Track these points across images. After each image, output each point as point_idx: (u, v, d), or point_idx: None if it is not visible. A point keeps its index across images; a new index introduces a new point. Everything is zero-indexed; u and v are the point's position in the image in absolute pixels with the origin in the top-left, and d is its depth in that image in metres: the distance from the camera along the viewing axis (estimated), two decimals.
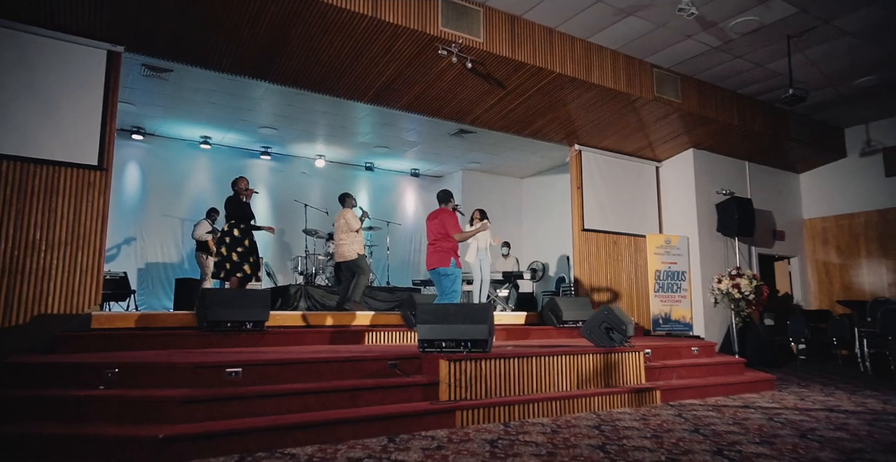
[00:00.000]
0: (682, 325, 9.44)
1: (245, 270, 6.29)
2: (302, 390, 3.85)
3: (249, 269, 6.31)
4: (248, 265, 6.31)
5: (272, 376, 3.98)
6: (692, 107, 8.65)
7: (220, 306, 5.27)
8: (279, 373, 4.02)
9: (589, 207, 9.49)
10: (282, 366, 4.07)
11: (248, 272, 6.30)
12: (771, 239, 10.77)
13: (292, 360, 4.13)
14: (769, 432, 3.93)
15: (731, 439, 3.70)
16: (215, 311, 5.24)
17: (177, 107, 9.13)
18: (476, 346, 4.54)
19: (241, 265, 6.29)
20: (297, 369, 4.10)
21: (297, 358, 4.20)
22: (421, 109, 8.08)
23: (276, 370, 4.03)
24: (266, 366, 4.02)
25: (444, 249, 5.84)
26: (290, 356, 4.25)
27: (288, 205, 10.95)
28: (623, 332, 5.33)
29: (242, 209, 6.48)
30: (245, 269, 6.29)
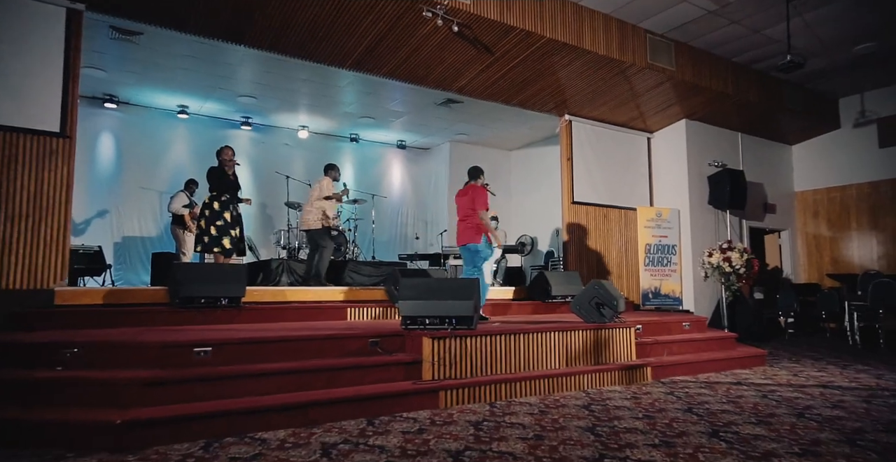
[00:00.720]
0: (672, 299, 9.32)
1: (223, 245, 6.02)
2: (276, 370, 3.64)
3: (229, 244, 6.04)
4: (227, 239, 6.03)
5: (245, 356, 3.76)
6: (686, 75, 8.37)
7: (192, 282, 5.01)
8: (253, 352, 3.80)
9: (579, 179, 9.26)
10: (255, 344, 3.85)
11: (226, 247, 6.02)
12: (762, 212, 10.62)
13: (267, 339, 3.91)
14: (765, 411, 3.79)
15: (727, 419, 3.55)
16: (188, 286, 4.99)
17: (150, 73, 8.70)
18: (461, 323, 4.34)
19: (219, 239, 6.02)
20: (271, 348, 3.88)
21: (273, 336, 3.98)
22: (405, 76, 7.74)
23: (250, 349, 3.81)
24: (239, 344, 3.79)
25: (475, 225, 5.84)
26: (265, 334, 4.02)
27: (270, 177, 10.62)
28: (614, 307, 5.15)
29: (223, 181, 6.17)
30: (224, 243, 6.01)
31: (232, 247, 6.05)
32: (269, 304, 5.65)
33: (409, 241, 12.59)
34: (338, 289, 6.35)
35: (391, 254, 11.54)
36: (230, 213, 6.13)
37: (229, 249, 6.04)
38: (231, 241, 6.06)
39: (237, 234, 6.14)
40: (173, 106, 10.17)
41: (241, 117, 10.90)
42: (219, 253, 6.06)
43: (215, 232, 6.02)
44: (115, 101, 9.64)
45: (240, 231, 6.23)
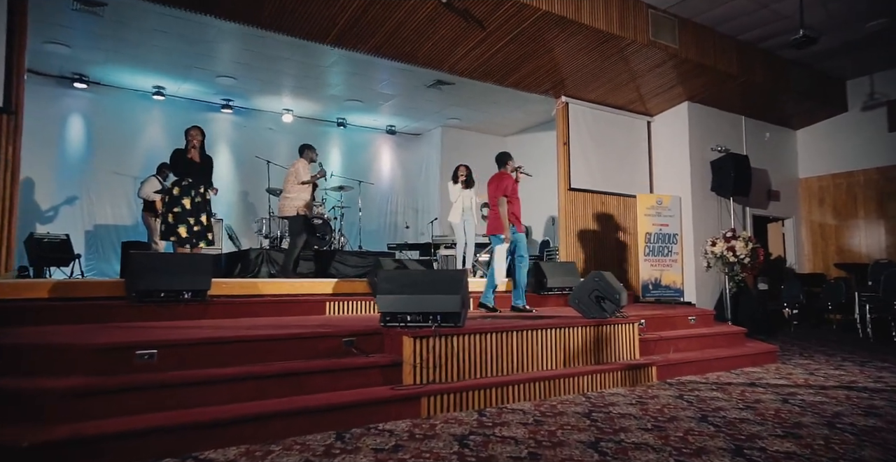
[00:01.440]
0: (673, 290, 8.90)
1: (179, 233, 5.51)
2: (232, 376, 3.17)
3: (185, 233, 5.53)
4: (183, 227, 5.52)
5: (197, 359, 3.28)
6: (690, 53, 7.88)
7: (151, 273, 4.53)
8: (206, 355, 3.32)
9: (576, 165, 8.79)
10: (210, 346, 3.37)
11: (182, 236, 5.52)
12: (766, 199, 10.19)
13: (224, 339, 3.43)
14: (790, 420, 3.35)
15: (748, 431, 3.11)
16: (146, 278, 4.50)
17: (120, 50, 8.15)
18: (447, 320, 3.87)
19: (173, 227, 5.51)
20: (229, 350, 3.40)
21: (234, 336, 3.51)
22: (391, 53, 7.22)
23: (203, 351, 3.33)
24: (190, 346, 3.32)
25: (502, 214, 5.84)
26: (225, 334, 3.55)
27: (252, 163, 10.08)
28: (616, 301, 4.70)
29: (184, 164, 5.66)
30: (179, 231, 5.51)
31: (189, 236, 5.54)
32: (239, 297, 5.17)
33: (398, 231, 12.11)
34: (317, 281, 5.88)
35: (380, 243, 11.06)
36: (190, 199, 5.61)
37: (184, 238, 5.54)
38: (188, 230, 5.55)
39: (197, 221, 5.62)
40: (148, 87, 9.62)
41: (222, 100, 10.36)
42: (174, 242, 5.57)
43: (171, 220, 5.52)
44: (85, 81, 9.08)
45: (206, 218, 5.72)
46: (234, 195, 10.62)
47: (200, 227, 5.64)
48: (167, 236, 5.55)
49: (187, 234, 5.52)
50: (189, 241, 5.54)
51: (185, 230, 5.52)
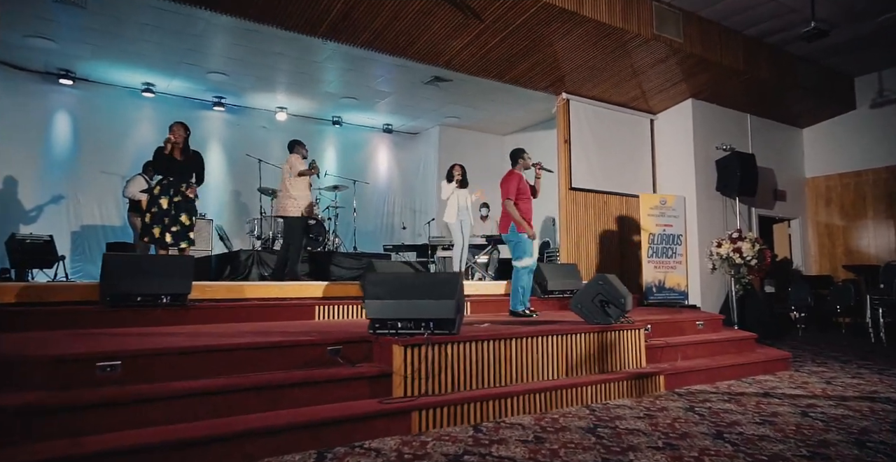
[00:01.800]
0: (677, 293, 8.63)
1: (153, 234, 5.24)
2: (203, 389, 2.89)
3: (160, 233, 5.25)
4: (158, 228, 5.25)
5: (169, 371, 3.01)
6: (695, 48, 7.62)
7: (127, 276, 4.26)
8: (180, 365, 3.06)
9: (577, 164, 8.53)
10: (185, 356, 3.10)
11: (156, 236, 5.25)
12: (772, 199, 9.93)
13: (200, 348, 3.16)
14: (813, 437, 3.08)
15: (770, 450, 2.84)
16: (121, 281, 4.24)
17: (107, 45, 7.88)
18: (440, 327, 3.60)
19: (149, 228, 5.24)
20: (205, 360, 3.14)
21: (208, 344, 3.23)
22: (385, 47, 6.96)
23: (177, 362, 3.06)
24: (162, 356, 3.05)
25: (505, 214, 5.74)
26: (199, 342, 3.27)
27: (245, 162, 9.76)
28: (621, 305, 4.43)
29: (162, 162, 5.38)
30: (153, 232, 5.23)
31: (162, 237, 5.27)
32: (223, 301, 4.91)
33: (395, 232, 11.83)
34: (306, 284, 5.61)
35: (376, 245, 10.78)
36: (168, 198, 5.33)
37: (159, 239, 5.26)
38: (163, 231, 5.27)
39: (176, 222, 5.34)
40: (137, 83, 9.35)
41: (214, 97, 10.09)
42: (149, 243, 5.30)
43: (148, 220, 5.26)
44: (71, 77, 8.81)
45: (188, 218, 5.44)
46: (227, 195, 10.36)
47: (181, 228, 5.36)
48: (143, 237, 5.28)
49: (161, 234, 5.25)
50: (163, 242, 5.26)
51: (160, 230, 5.24)
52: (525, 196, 5.76)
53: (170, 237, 5.28)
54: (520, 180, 5.78)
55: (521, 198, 5.70)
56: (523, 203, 5.72)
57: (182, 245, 5.43)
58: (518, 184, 5.73)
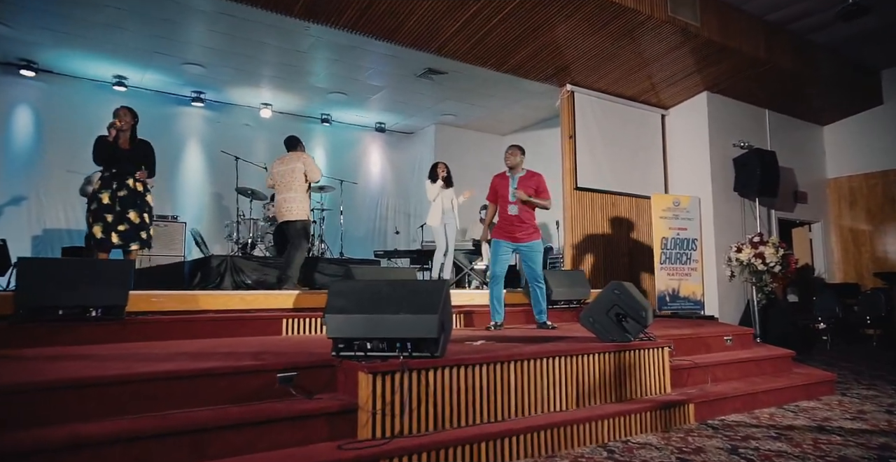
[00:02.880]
0: (692, 303, 7.88)
1: (94, 234, 4.52)
2: (100, 437, 2.16)
3: (101, 233, 4.52)
4: (99, 227, 4.52)
5: (59, 410, 2.28)
6: (712, 33, 6.94)
7: (47, 285, 3.54)
8: (77, 402, 2.32)
9: (583, 161, 7.82)
10: (82, 389, 2.37)
11: (97, 237, 4.52)
12: (792, 201, 9.21)
13: (104, 379, 2.42)
14: None
15: None
16: (40, 291, 3.51)
17: (69, 30, 7.19)
18: (420, 349, 2.87)
19: (90, 228, 4.53)
20: (111, 395, 2.40)
21: (120, 374, 2.50)
22: (371, 29, 6.28)
23: (72, 398, 2.33)
24: (52, 391, 2.32)
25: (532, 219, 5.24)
26: (110, 372, 2.54)
27: (226, 163, 9.02)
28: (641, 319, 3.70)
29: (104, 151, 4.66)
30: (95, 232, 4.51)
31: (105, 237, 4.54)
32: (172, 314, 4.17)
33: (388, 237, 11.11)
34: (274, 293, 4.88)
35: (366, 250, 10.06)
36: (110, 192, 4.61)
37: (102, 240, 4.53)
38: (107, 230, 4.55)
39: (122, 219, 4.61)
40: (108, 76, 8.66)
41: (192, 92, 9.40)
42: (92, 246, 4.57)
43: (90, 219, 4.54)
44: (33, 68, 8.12)
45: (137, 215, 4.71)
46: (206, 197, 9.65)
47: (129, 227, 4.63)
48: (87, 239, 4.56)
49: (105, 234, 4.52)
50: (107, 243, 4.53)
51: (102, 230, 4.52)
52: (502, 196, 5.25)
53: (116, 237, 4.55)
54: (497, 180, 5.35)
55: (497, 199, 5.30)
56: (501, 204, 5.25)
57: (132, 247, 4.69)
58: (497, 183, 5.34)
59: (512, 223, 5.04)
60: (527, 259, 5.10)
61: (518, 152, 5.26)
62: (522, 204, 5.05)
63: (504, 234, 5.06)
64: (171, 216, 7.77)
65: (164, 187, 9.01)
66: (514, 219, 5.05)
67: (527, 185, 5.11)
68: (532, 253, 5.06)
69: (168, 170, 9.25)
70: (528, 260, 5.09)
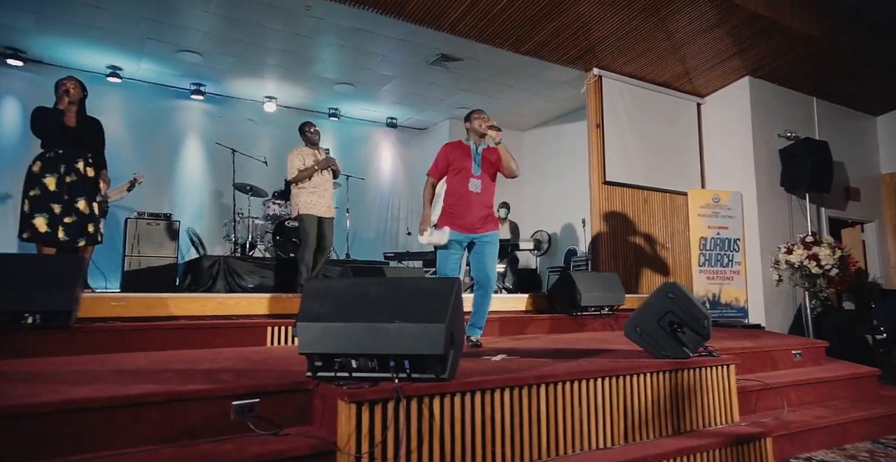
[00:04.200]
0: (735, 310, 7.10)
1: (35, 227, 3.86)
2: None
3: (46, 226, 3.86)
4: (42, 218, 3.86)
5: None
6: (759, 7, 6.17)
7: None
8: None
9: (612, 153, 7.09)
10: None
11: (40, 230, 3.86)
12: (843, 198, 8.36)
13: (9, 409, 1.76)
14: None
15: None
16: None
17: (51, 14, 6.64)
18: (422, 369, 2.17)
19: (28, 218, 3.87)
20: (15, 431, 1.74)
21: (28, 404, 1.83)
22: (375, 1, 5.61)
23: None
24: None
25: None
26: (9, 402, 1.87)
27: (229, 158, 8.38)
28: (702, 329, 2.96)
29: (47, 127, 3.99)
30: (37, 224, 3.85)
31: (50, 231, 3.87)
32: (134, 321, 3.52)
33: (399, 238, 10.44)
34: (259, 296, 4.21)
35: (376, 252, 9.40)
36: (56, 177, 3.95)
37: (46, 234, 3.87)
38: (53, 223, 3.89)
39: (69, 210, 3.95)
40: (101, 67, 8.11)
41: (191, 84, 8.81)
42: (28, 239, 3.90)
43: (27, 208, 3.88)
44: (20, 57, 7.60)
45: (86, 205, 4.03)
46: (206, 195, 9.05)
47: (76, 218, 3.97)
48: (21, 231, 3.89)
49: (51, 227, 3.86)
50: (52, 239, 3.88)
51: (45, 222, 3.85)
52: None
53: (62, 232, 3.89)
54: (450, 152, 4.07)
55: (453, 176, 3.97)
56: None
57: (80, 242, 4.02)
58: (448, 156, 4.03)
59: (471, 205, 3.85)
60: (483, 255, 3.90)
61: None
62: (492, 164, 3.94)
63: (458, 222, 3.85)
64: (163, 214, 7.18)
65: (160, 184, 8.45)
66: (475, 199, 3.87)
67: (490, 161, 4.05)
68: (492, 246, 3.92)
69: (166, 166, 8.71)
70: (484, 256, 3.89)
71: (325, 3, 5.97)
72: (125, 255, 6.78)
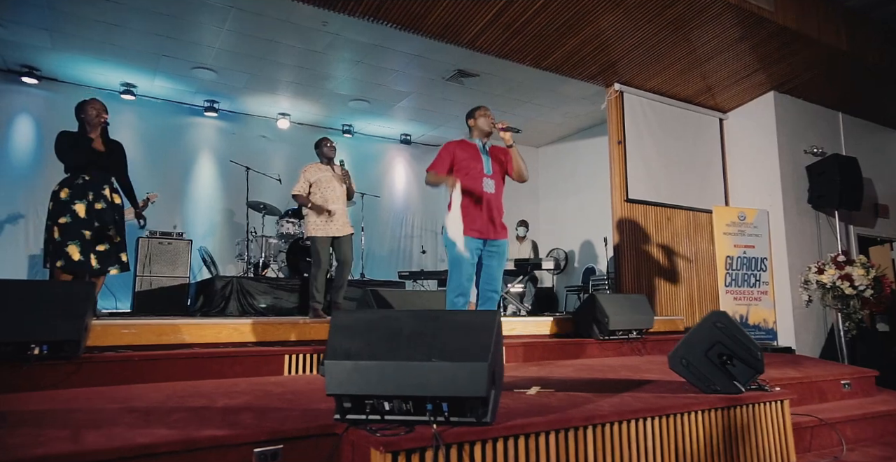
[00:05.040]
0: (764, 332, 6.84)
1: (68, 255, 3.69)
2: None
3: (79, 254, 3.70)
4: (75, 246, 3.70)
5: None
6: (788, 20, 6.01)
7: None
8: None
9: (634, 170, 6.90)
10: None
11: (74, 259, 3.69)
12: (872, 215, 8.12)
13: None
14: None
15: None
16: None
17: (67, 31, 6.58)
18: (461, 412, 1.97)
19: (61, 246, 3.71)
20: None
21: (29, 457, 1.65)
22: (394, 16, 5.50)
23: None
24: None
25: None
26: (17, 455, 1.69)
27: (242, 176, 8.21)
28: (755, 362, 2.74)
29: (80, 151, 3.89)
30: (70, 252, 3.69)
31: (84, 259, 3.72)
32: (146, 349, 3.34)
33: (414, 257, 10.25)
34: (276, 320, 4.03)
35: (389, 271, 9.22)
36: (85, 203, 3.82)
37: (79, 263, 3.72)
38: (83, 250, 3.73)
39: (101, 237, 3.81)
40: (115, 84, 8.05)
41: (205, 101, 8.74)
42: (61, 269, 3.74)
43: (58, 235, 3.74)
44: (36, 75, 7.55)
45: (117, 234, 3.92)
46: (218, 213, 8.92)
47: (109, 246, 3.83)
48: (54, 260, 3.73)
49: (82, 255, 3.71)
50: (87, 267, 3.72)
51: (79, 250, 3.70)
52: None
53: (95, 260, 3.74)
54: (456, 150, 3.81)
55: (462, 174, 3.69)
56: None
57: (112, 271, 3.89)
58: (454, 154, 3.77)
59: (486, 207, 3.61)
60: (493, 267, 3.65)
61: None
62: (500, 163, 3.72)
63: (472, 225, 3.56)
64: (175, 233, 7.05)
65: (172, 203, 8.33)
66: (490, 200, 3.63)
67: (499, 160, 3.84)
68: (503, 257, 3.70)
69: (178, 183, 8.59)
70: (493, 268, 3.65)
71: (342, 19, 5.86)
72: (136, 275, 6.64)
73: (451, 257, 3.60)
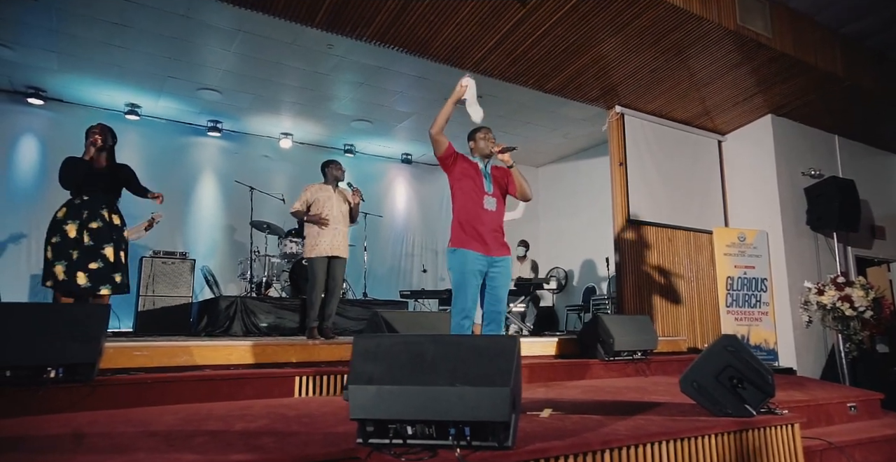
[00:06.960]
0: (765, 352, 6.86)
1: (55, 275, 3.75)
2: None
3: (64, 274, 3.75)
4: (61, 266, 3.76)
5: None
6: (785, 46, 6.15)
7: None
8: None
9: (635, 191, 6.99)
10: None
11: (59, 278, 3.75)
12: (869, 237, 8.21)
13: None
14: None
15: None
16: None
17: (74, 53, 6.65)
18: (482, 436, 2.00)
19: (50, 266, 3.77)
20: None
21: None
22: (398, 40, 5.60)
23: None
24: None
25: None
26: None
27: (244, 195, 8.25)
28: (766, 385, 2.78)
29: (77, 172, 3.95)
30: (55, 271, 3.74)
31: (67, 279, 3.76)
32: (157, 371, 3.35)
33: (414, 276, 10.26)
34: (285, 341, 4.04)
35: (390, 290, 9.22)
36: (78, 224, 3.86)
37: (64, 282, 3.76)
38: (72, 269, 3.77)
39: (94, 256, 3.85)
40: (119, 104, 8.11)
41: (209, 121, 8.81)
42: (52, 288, 3.79)
43: (50, 255, 3.78)
44: (41, 96, 7.61)
45: (112, 252, 3.95)
46: (219, 232, 8.94)
47: (102, 265, 3.86)
48: (44, 280, 3.78)
49: (69, 275, 3.74)
50: (72, 286, 3.75)
51: (63, 270, 3.74)
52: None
53: (84, 278, 3.77)
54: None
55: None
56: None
57: (102, 291, 3.90)
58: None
59: (487, 224, 3.61)
60: (497, 288, 3.64)
61: None
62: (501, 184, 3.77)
63: (473, 244, 3.56)
64: (179, 253, 7.06)
65: (175, 222, 8.35)
66: (490, 218, 3.63)
67: (499, 181, 3.87)
68: (506, 274, 3.67)
69: (180, 203, 8.60)
70: (498, 288, 3.64)
71: (347, 42, 5.97)
72: (139, 295, 6.64)
73: (456, 280, 3.59)
